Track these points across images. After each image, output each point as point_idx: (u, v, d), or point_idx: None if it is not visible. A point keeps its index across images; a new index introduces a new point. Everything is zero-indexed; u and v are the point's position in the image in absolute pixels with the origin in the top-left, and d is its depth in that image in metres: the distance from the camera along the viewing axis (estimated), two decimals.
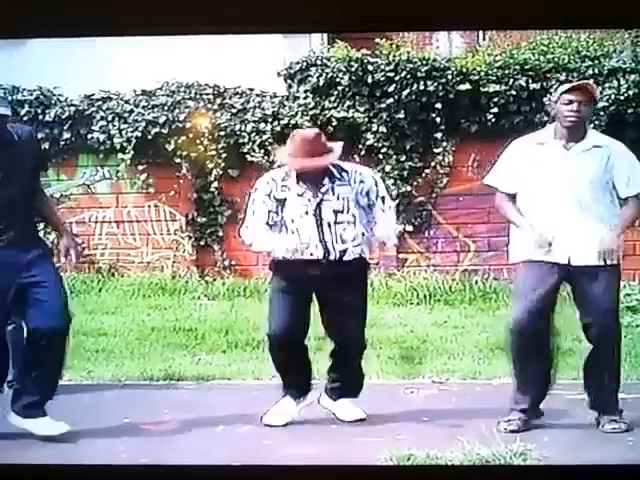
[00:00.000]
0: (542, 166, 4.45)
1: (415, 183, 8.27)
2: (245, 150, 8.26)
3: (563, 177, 4.41)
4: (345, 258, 4.54)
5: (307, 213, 4.53)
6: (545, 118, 7.93)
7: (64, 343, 4.46)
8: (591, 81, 5.09)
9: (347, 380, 4.73)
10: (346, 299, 4.54)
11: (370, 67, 8.16)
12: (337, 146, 4.59)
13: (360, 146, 8.16)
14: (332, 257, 4.52)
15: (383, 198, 4.63)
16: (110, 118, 8.37)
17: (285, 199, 4.54)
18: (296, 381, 4.72)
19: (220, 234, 8.40)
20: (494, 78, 8.09)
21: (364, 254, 4.63)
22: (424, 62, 8.14)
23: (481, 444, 4.13)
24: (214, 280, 8.23)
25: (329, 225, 4.52)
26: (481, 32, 9.48)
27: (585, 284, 4.43)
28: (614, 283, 4.50)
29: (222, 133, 8.29)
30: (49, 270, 4.46)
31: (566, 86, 4.52)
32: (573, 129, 4.43)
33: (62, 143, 8.38)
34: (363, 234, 4.59)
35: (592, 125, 7.69)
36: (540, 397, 4.57)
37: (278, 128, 8.18)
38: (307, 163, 4.47)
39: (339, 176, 4.57)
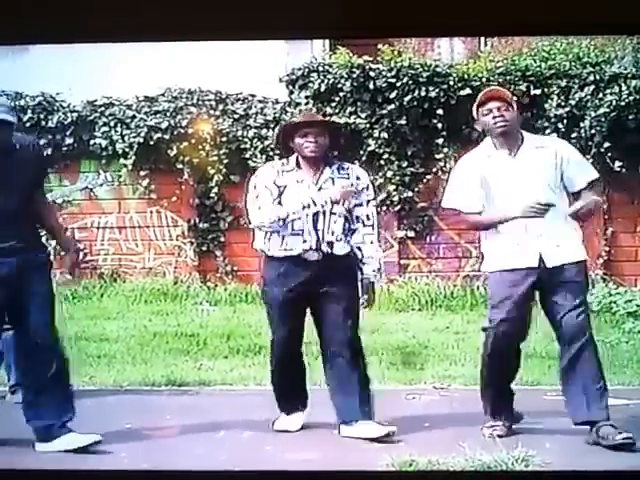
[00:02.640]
0: (494, 178, 4.46)
1: (417, 189, 8.28)
2: (247, 156, 8.28)
3: (516, 183, 4.42)
4: (335, 252, 4.52)
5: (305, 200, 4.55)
6: (546, 124, 7.95)
7: (51, 359, 4.36)
8: (495, 85, 5.10)
9: (354, 399, 4.53)
10: (339, 298, 4.51)
11: (372, 73, 8.18)
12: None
13: (362, 152, 8.18)
14: (323, 249, 4.50)
15: (368, 202, 4.62)
16: (112, 124, 8.39)
17: (285, 185, 4.56)
18: (297, 393, 4.66)
19: (222, 240, 8.41)
20: (495, 84, 8.09)
21: (352, 251, 4.59)
22: (426, 68, 8.15)
23: (483, 450, 4.13)
24: (216, 286, 8.24)
25: (324, 214, 4.53)
26: (482, 38, 9.49)
27: (555, 286, 4.40)
28: (581, 282, 4.45)
29: (224, 139, 8.31)
30: (38, 283, 4.35)
31: (477, 99, 4.52)
32: (507, 135, 4.43)
33: (64, 149, 8.41)
34: (346, 231, 4.56)
35: (592, 130, 7.78)
36: (509, 402, 4.54)
37: None
38: (309, 118, 4.76)
39: (339, 167, 4.61)
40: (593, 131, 7.80)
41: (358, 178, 4.63)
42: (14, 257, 4.35)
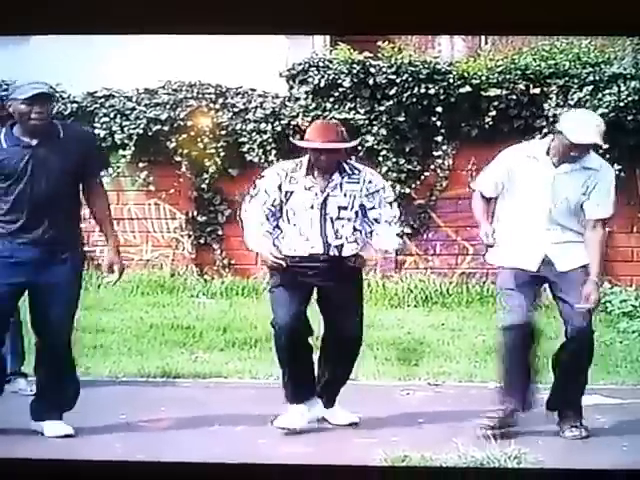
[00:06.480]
0: (527, 178, 4.50)
1: (414, 186, 8.28)
2: (245, 149, 8.28)
3: (544, 192, 4.47)
4: (343, 254, 4.57)
5: (312, 207, 4.55)
6: (544, 123, 7.96)
7: (60, 355, 4.45)
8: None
9: (340, 378, 4.70)
10: (344, 294, 4.58)
11: (372, 69, 8.18)
12: (354, 141, 4.81)
13: (360, 148, 8.18)
14: (331, 252, 4.55)
15: (391, 203, 4.67)
16: (112, 115, 8.38)
17: (292, 191, 4.55)
18: (303, 379, 4.62)
19: (219, 233, 8.41)
20: (495, 82, 8.11)
21: (360, 251, 4.63)
22: (426, 65, 8.15)
23: (476, 447, 4.15)
24: (213, 279, 8.24)
25: (331, 220, 4.55)
26: (483, 37, 9.49)
27: (555, 291, 4.51)
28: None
29: (223, 132, 8.31)
30: (64, 278, 4.38)
31: None
32: (577, 154, 4.45)
33: None
34: (360, 232, 4.61)
35: None
36: (522, 400, 4.55)
37: (279, 128, 8.20)
38: (323, 145, 4.49)
39: (350, 172, 4.60)
40: None
41: (370, 182, 4.62)
42: (37, 247, 4.31)
